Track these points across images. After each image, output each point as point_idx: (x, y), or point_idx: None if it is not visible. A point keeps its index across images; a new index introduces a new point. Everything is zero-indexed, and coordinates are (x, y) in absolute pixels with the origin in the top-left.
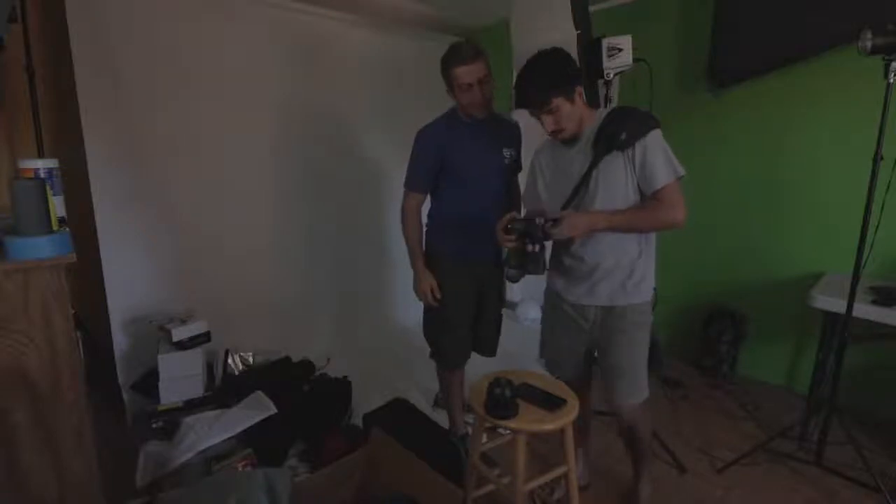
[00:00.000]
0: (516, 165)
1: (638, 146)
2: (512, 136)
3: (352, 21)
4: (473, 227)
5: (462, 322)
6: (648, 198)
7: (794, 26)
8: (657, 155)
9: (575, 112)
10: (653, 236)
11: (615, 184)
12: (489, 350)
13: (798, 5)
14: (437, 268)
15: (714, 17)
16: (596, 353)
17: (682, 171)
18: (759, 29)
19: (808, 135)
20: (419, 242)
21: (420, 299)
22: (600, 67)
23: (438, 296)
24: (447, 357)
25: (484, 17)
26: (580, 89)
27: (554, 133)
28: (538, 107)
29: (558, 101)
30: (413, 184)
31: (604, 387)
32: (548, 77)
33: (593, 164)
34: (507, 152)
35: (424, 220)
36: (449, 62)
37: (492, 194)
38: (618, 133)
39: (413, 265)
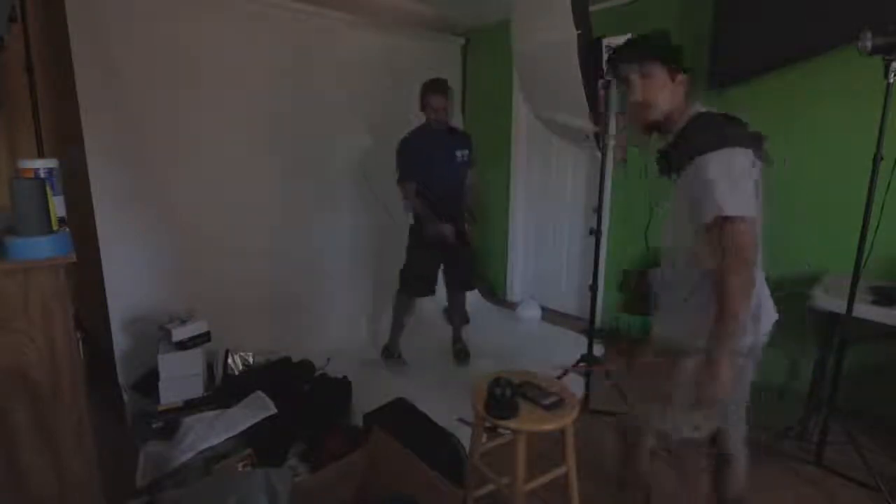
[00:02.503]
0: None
1: (690, 168)
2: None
3: (352, 21)
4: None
5: (429, 268)
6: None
7: (794, 26)
8: (708, 180)
9: (670, 93)
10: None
11: (675, 216)
12: (462, 284)
13: (798, 5)
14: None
15: (714, 17)
16: None
17: (742, 209)
18: (759, 29)
19: (808, 135)
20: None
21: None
22: (600, 67)
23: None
24: (413, 288)
25: (484, 17)
26: (682, 77)
27: (636, 108)
28: (630, 60)
29: (653, 67)
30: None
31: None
32: (655, 41)
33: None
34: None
35: None
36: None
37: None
38: (673, 153)
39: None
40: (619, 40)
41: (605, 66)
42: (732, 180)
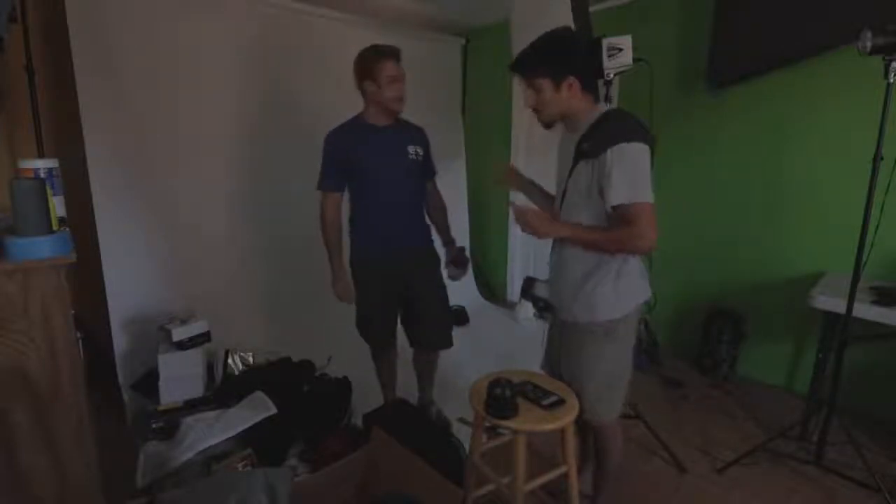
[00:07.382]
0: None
1: (602, 157)
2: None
3: (352, 21)
4: None
5: (379, 313)
6: (613, 216)
7: (794, 26)
8: (618, 170)
9: (558, 101)
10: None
11: (577, 194)
12: (427, 342)
13: (797, 5)
14: None
15: (713, 17)
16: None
17: (644, 197)
18: (758, 29)
19: (807, 134)
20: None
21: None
22: (600, 67)
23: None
24: (370, 338)
25: (484, 17)
26: (571, 81)
27: (534, 111)
28: (522, 75)
29: (542, 82)
30: None
31: None
32: (543, 54)
33: (570, 171)
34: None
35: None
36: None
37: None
38: (587, 141)
39: None
40: (620, 40)
41: (605, 66)
42: (640, 170)
